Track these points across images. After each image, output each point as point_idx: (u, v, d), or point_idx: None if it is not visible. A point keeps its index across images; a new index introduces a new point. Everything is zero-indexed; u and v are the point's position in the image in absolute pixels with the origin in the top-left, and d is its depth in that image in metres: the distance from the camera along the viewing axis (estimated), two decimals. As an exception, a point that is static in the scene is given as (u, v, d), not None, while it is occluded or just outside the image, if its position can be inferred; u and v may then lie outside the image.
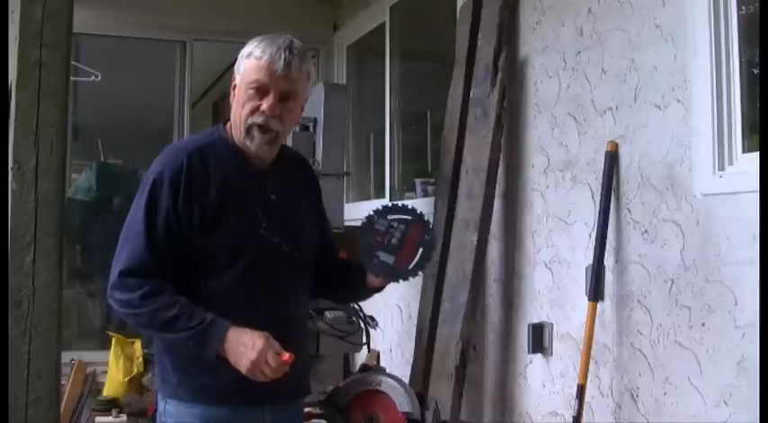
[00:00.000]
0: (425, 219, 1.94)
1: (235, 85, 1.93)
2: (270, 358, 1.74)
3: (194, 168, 1.86)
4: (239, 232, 1.87)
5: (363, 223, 1.91)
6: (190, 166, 1.86)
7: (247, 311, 1.83)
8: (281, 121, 1.88)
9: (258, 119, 1.86)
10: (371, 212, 1.92)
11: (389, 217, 1.91)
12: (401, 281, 1.92)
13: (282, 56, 1.84)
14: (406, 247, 1.89)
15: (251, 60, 1.88)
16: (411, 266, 1.90)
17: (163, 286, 1.81)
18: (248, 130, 1.88)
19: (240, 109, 1.89)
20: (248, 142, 1.89)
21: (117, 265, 1.84)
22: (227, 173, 1.89)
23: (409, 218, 1.91)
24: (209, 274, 1.86)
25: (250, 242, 1.88)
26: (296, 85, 1.89)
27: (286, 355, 1.75)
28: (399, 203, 1.94)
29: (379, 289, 2.00)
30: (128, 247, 1.84)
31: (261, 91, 1.86)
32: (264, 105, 1.86)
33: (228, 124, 1.96)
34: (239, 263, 1.86)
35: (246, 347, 1.75)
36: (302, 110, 1.98)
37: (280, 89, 1.86)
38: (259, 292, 1.88)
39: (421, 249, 1.89)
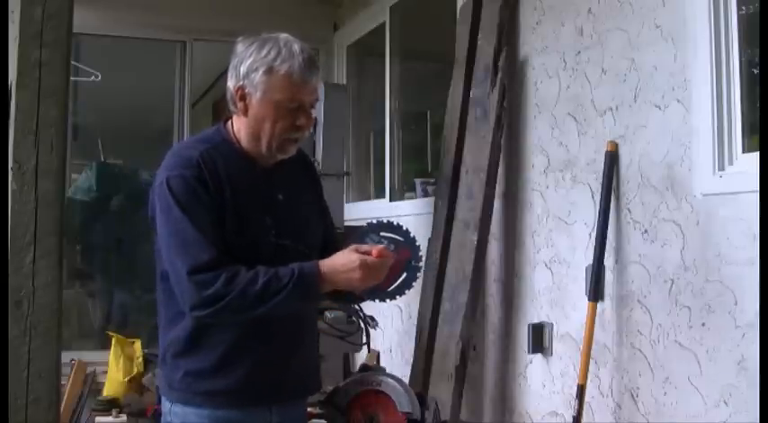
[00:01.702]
0: (417, 244, 1.90)
1: (245, 96, 1.86)
2: (372, 265, 1.74)
3: (209, 168, 1.83)
4: (251, 237, 1.85)
5: (355, 233, 1.90)
6: (205, 165, 1.82)
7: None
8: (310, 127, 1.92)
9: (296, 134, 1.87)
10: (366, 224, 1.90)
11: (382, 234, 1.88)
12: (377, 301, 1.89)
13: (311, 70, 1.84)
14: (390, 268, 1.84)
15: (278, 76, 1.82)
16: (391, 289, 1.87)
17: (236, 267, 1.75)
18: (281, 144, 1.88)
19: (272, 126, 1.85)
20: (280, 155, 1.89)
21: (184, 271, 1.74)
22: (235, 174, 1.87)
23: (401, 239, 1.88)
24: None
25: (262, 246, 1.86)
26: (319, 93, 1.92)
27: (375, 251, 1.74)
28: (395, 222, 1.91)
29: (360, 300, 1.99)
30: (182, 250, 1.76)
31: (295, 106, 1.85)
32: (303, 120, 1.86)
33: (229, 124, 1.94)
34: (255, 260, 1.83)
35: (347, 270, 1.75)
36: None
37: (310, 101, 1.88)
38: None
39: (405, 274, 1.86)
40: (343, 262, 1.76)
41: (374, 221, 1.91)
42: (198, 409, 1.86)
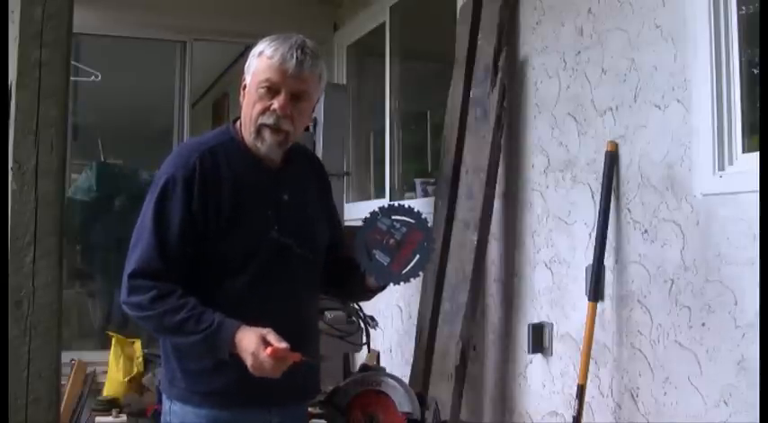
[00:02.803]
0: (429, 226, 1.89)
1: (245, 85, 1.90)
2: (261, 359, 1.71)
3: (206, 169, 1.83)
4: (252, 235, 1.85)
5: (366, 218, 1.87)
6: (202, 166, 1.83)
7: (260, 313, 1.81)
8: (291, 121, 1.86)
9: (269, 119, 1.84)
10: (376, 209, 1.88)
11: (393, 217, 1.86)
12: (392, 284, 1.88)
13: (295, 55, 1.81)
14: (403, 250, 1.84)
15: (262, 59, 1.84)
16: (404, 272, 1.84)
17: (173, 288, 1.78)
18: (258, 130, 1.86)
19: (250, 109, 1.86)
20: (258, 143, 1.87)
21: (127, 269, 1.81)
22: (239, 174, 1.87)
23: (413, 222, 1.86)
24: (222, 276, 1.84)
25: (263, 244, 1.86)
26: (308, 85, 1.86)
27: (270, 349, 1.70)
28: (406, 205, 1.89)
29: (378, 290, 1.98)
30: (137, 249, 1.82)
31: (272, 90, 1.83)
32: (276, 105, 1.83)
33: (238, 123, 1.93)
34: (252, 265, 1.85)
35: (245, 351, 1.73)
36: (313, 111, 1.96)
37: (291, 89, 1.83)
38: (272, 294, 1.87)
39: (417, 256, 1.84)
40: (247, 341, 1.73)
41: (385, 205, 1.89)
42: (196, 408, 1.86)
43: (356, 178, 5.40)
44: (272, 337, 1.72)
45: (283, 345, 1.71)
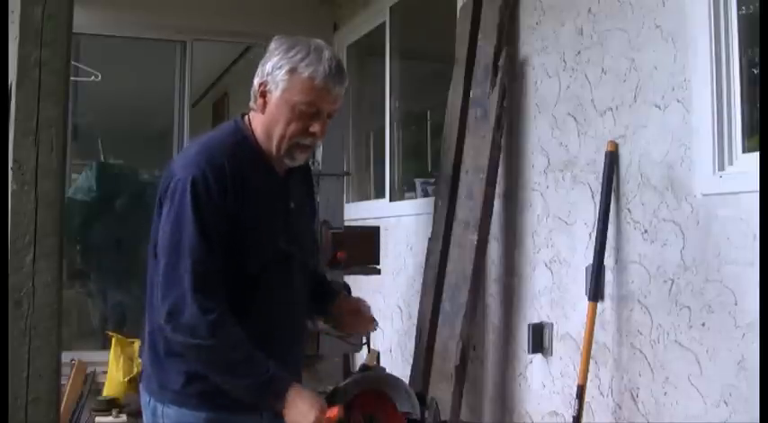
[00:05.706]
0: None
1: (266, 93, 1.83)
2: None
3: (235, 172, 1.79)
4: (267, 242, 1.85)
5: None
6: (231, 168, 1.79)
7: (265, 319, 1.82)
8: (323, 136, 1.88)
9: (307, 140, 1.83)
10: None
11: None
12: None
13: (337, 81, 1.80)
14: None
15: (300, 78, 1.78)
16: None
17: (228, 314, 1.74)
18: (290, 149, 1.84)
19: (284, 126, 1.81)
20: (287, 160, 1.86)
21: (182, 284, 1.71)
22: (257, 179, 1.84)
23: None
24: (236, 282, 1.81)
25: (273, 251, 1.86)
26: (342, 101, 1.87)
27: (332, 419, 1.79)
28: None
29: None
30: (184, 258, 1.72)
31: (311, 111, 1.81)
32: (317, 128, 1.81)
33: (246, 118, 1.90)
34: (263, 272, 1.84)
35: (302, 414, 1.74)
36: None
37: (330, 109, 1.83)
38: (273, 300, 1.86)
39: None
40: (306, 408, 1.75)
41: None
42: (194, 411, 1.84)
43: (356, 178, 5.40)
44: (323, 404, 1.77)
45: (335, 411, 1.78)
